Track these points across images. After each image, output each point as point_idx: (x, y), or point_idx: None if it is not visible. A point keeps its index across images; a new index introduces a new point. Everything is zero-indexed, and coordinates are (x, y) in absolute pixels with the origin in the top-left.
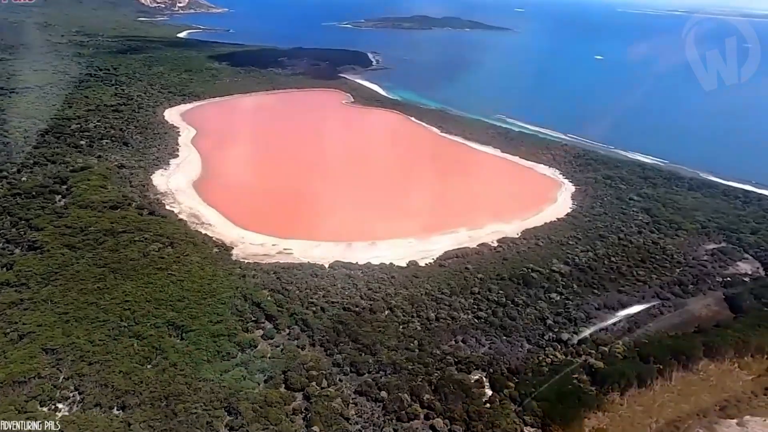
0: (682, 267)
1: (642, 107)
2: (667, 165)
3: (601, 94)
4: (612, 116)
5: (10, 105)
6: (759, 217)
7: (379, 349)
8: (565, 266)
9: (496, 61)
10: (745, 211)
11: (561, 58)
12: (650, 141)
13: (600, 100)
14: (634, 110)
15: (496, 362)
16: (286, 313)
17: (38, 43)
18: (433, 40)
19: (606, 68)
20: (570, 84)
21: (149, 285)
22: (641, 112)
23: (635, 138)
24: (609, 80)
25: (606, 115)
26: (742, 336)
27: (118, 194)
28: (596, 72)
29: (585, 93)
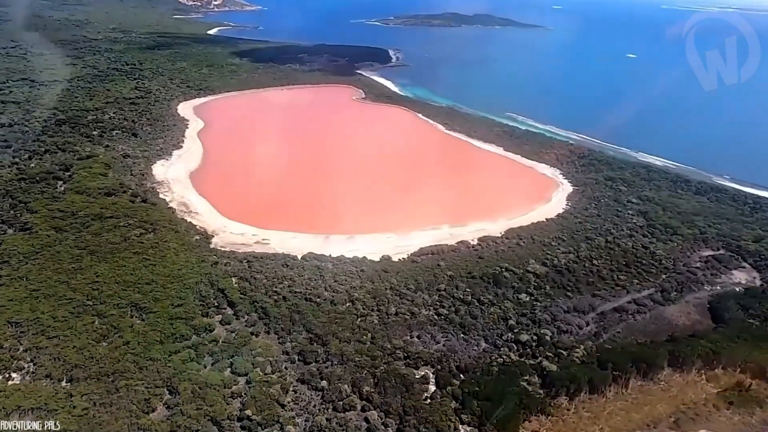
0: (668, 273)
1: (664, 108)
2: (678, 168)
3: (622, 94)
4: (630, 117)
5: (37, 97)
6: (766, 225)
7: (331, 339)
8: (541, 267)
9: (518, 59)
10: (752, 218)
11: (590, 56)
12: (668, 143)
13: (620, 100)
14: (655, 111)
15: (447, 359)
16: (248, 301)
17: (75, 39)
18: (460, 38)
19: (635, 67)
20: (592, 83)
21: (122, 267)
22: (662, 113)
23: (651, 140)
24: (634, 80)
25: (623, 115)
26: (714, 347)
27: (115, 182)
28: (624, 71)
29: (606, 92)
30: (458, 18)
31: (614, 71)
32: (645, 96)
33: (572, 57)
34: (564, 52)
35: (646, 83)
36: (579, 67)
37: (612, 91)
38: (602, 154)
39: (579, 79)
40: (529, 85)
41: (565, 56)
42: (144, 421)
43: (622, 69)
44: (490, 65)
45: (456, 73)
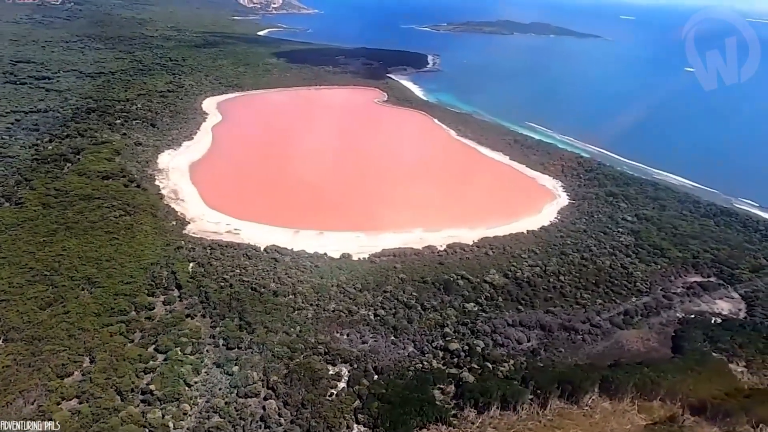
0: (640, 296)
1: (704, 126)
2: (696, 189)
3: (663, 110)
4: (662, 135)
5: (78, 86)
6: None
7: (259, 328)
8: (501, 278)
9: (561, 69)
10: (757, 246)
11: (643, 68)
12: (697, 164)
13: (658, 116)
14: (692, 129)
15: (366, 359)
16: (194, 285)
17: (132, 36)
18: (507, 46)
19: (690, 81)
20: (633, 96)
21: (89, 244)
22: (699, 131)
23: (680, 159)
24: (684, 94)
25: (656, 132)
26: (656, 377)
27: (117, 167)
28: (675, 84)
29: (644, 107)
30: (511, 25)
31: (662, 85)
32: (687, 114)
33: (622, 69)
34: (614, 64)
35: (692, 100)
36: (624, 80)
37: (652, 106)
38: (612, 168)
39: (619, 91)
40: (561, 96)
41: (614, 68)
42: (55, 383)
43: (673, 83)
44: (527, 74)
45: (488, 80)
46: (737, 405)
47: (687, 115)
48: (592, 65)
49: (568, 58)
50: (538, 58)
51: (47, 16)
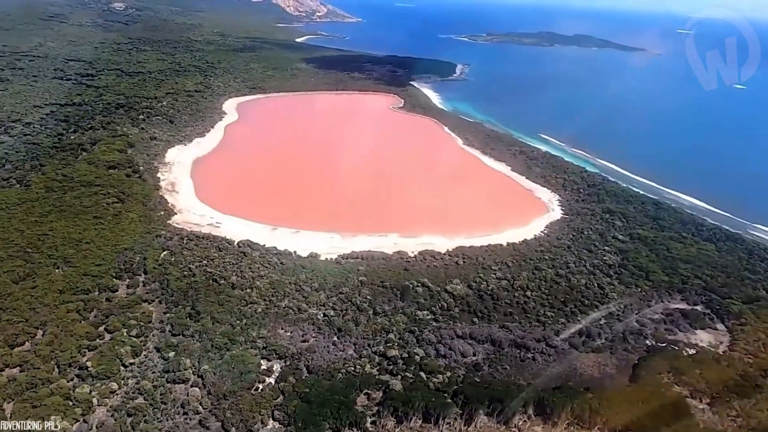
0: (609, 319)
1: (743, 148)
2: (709, 211)
3: (698, 127)
4: (687, 153)
5: (116, 84)
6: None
7: (206, 318)
8: (463, 288)
9: (593, 83)
10: (758, 276)
11: (684, 84)
12: (719, 186)
13: (690, 134)
14: (728, 150)
15: (301, 357)
16: (159, 272)
17: (179, 40)
18: (544, 57)
19: (736, 99)
20: (662, 111)
21: (76, 226)
22: (736, 152)
23: (701, 181)
24: (724, 112)
25: (679, 150)
26: (595, 405)
27: (126, 158)
28: (717, 102)
29: (674, 123)
30: (553, 37)
31: (701, 103)
32: (724, 133)
33: (659, 84)
34: (654, 79)
35: (732, 119)
36: (657, 96)
37: (683, 124)
38: (617, 185)
39: (648, 107)
40: (586, 110)
41: (652, 83)
42: (3, 350)
43: (718, 100)
44: (556, 86)
45: (512, 91)
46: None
47: (724, 134)
48: (630, 79)
49: (604, 72)
50: (573, 71)
51: (108, 20)
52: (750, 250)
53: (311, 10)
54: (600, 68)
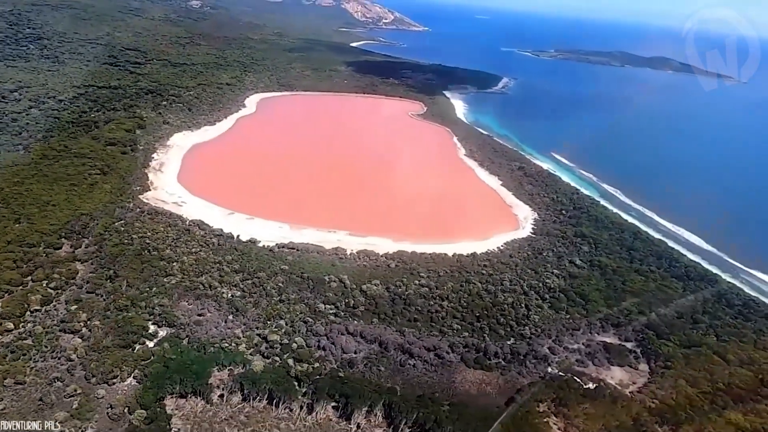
0: (516, 341)
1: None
2: (703, 251)
3: (740, 164)
4: (711, 191)
5: (155, 72)
6: (727, 332)
7: (121, 282)
8: (380, 289)
9: (645, 108)
10: (718, 321)
11: (760, 117)
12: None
13: (721, 163)
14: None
15: (188, 328)
16: (101, 237)
17: (236, 38)
18: (605, 77)
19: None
20: (707, 144)
21: (50, 190)
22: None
23: (702, 216)
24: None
25: (697, 185)
26: (443, 418)
27: (129, 137)
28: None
29: (712, 157)
30: (626, 57)
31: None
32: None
33: (726, 116)
34: (724, 109)
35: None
36: (714, 128)
37: (721, 160)
38: (605, 210)
39: (693, 137)
40: (620, 135)
41: (719, 114)
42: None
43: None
44: (599, 108)
45: (547, 108)
46: None
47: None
48: (693, 107)
49: (666, 97)
50: (629, 94)
51: (180, 16)
52: (720, 294)
53: (378, 16)
54: (665, 94)
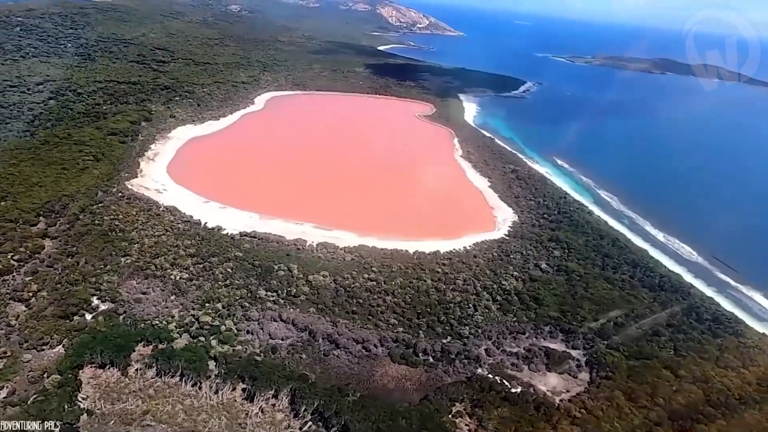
0: (452, 340)
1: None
2: (695, 264)
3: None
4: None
5: (176, 70)
6: (685, 347)
7: (80, 258)
8: (325, 280)
9: (672, 118)
10: (679, 335)
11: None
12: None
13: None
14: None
15: (127, 305)
16: (75, 217)
17: (264, 40)
18: (640, 85)
19: None
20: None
21: (42, 173)
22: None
23: (704, 229)
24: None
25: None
26: (343, 406)
27: (132, 129)
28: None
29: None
30: (668, 65)
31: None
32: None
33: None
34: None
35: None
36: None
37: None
38: (589, 217)
39: (723, 150)
40: (637, 143)
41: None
42: None
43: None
44: (617, 114)
45: (566, 115)
46: None
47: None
48: (734, 121)
49: (700, 108)
50: (657, 101)
51: (218, 20)
52: (691, 307)
53: (412, 21)
54: (701, 104)
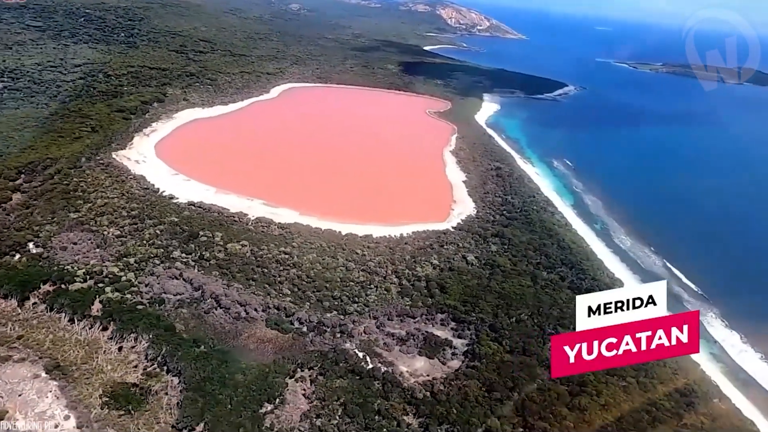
0: (336, 315)
1: None
2: (638, 269)
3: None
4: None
5: (208, 60)
6: None
7: (41, 218)
8: (244, 249)
9: (729, 133)
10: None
11: None
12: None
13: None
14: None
15: (51, 251)
16: (51, 178)
17: (310, 36)
18: (700, 94)
19: None
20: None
21: (39, 138)
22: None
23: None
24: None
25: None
26: (167, 349)
27: (141, 107)
28: None
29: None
30: (751, 74)
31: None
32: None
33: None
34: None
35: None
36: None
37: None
38: (551, 217)
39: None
40: (658, 154)
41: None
42: None
43: None
44: (657, 123)
45: (591, 118)
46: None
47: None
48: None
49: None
50: (713, 112)
51: (274, 17)
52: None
53: (472, 23)
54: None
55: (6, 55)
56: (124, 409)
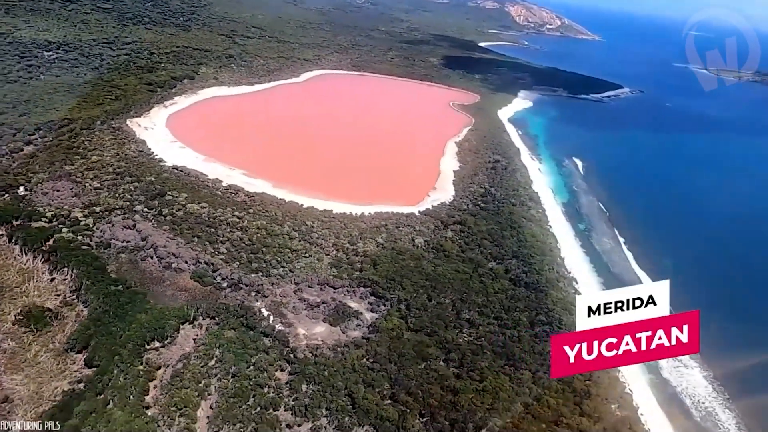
0: (258, 276)
1: None
2: (604, 272)
3: None
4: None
5: (249, 44)
6: (495, 342)
7: (36, 168)
8: (201, 209)
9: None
10: (508, 333)
11: None
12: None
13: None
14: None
15: (33, 193)
16: (60, 135)
17: (365, 27)
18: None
19: None
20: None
21: (66, 101)
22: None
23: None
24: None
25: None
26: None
27: (169, 82)
28: None
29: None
30: None
31: None
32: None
33: None
34: None
35: None
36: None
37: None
38: (524, 211)
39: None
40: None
41: None
42: None
43: None
44: (711, 131)
45: (634, 122)
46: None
47: None
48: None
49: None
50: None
51: (336, 8)
52: (538, 308)
53: (542, 21)
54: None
55: (69, 31)
56: (31, 328)
